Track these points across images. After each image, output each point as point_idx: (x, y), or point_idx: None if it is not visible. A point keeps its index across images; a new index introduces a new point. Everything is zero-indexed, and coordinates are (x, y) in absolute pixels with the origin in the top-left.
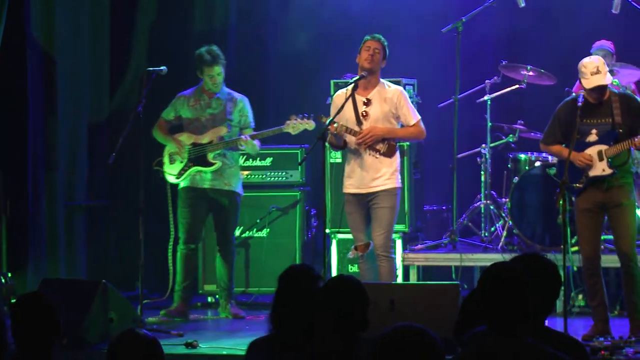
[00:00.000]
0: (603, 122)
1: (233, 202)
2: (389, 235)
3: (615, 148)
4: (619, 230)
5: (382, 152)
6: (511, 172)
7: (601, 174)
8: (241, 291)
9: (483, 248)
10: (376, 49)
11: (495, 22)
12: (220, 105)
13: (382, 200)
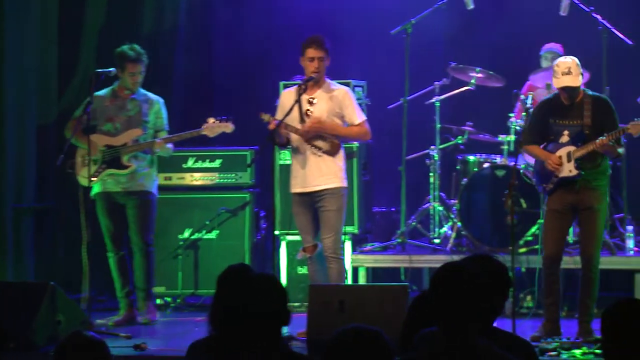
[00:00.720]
0: (574, 124)
1: (147, 202)
2: (338, 237)
3: (582, 150)
4: (586, 233)
5: (325, 150)
6: (460, 173)
7: (568, 175)
8: (190, 293)
9: (432, 249)
10: (319, 58)
11: (444, 23)
12: (136, 107)
13: (328, 203)
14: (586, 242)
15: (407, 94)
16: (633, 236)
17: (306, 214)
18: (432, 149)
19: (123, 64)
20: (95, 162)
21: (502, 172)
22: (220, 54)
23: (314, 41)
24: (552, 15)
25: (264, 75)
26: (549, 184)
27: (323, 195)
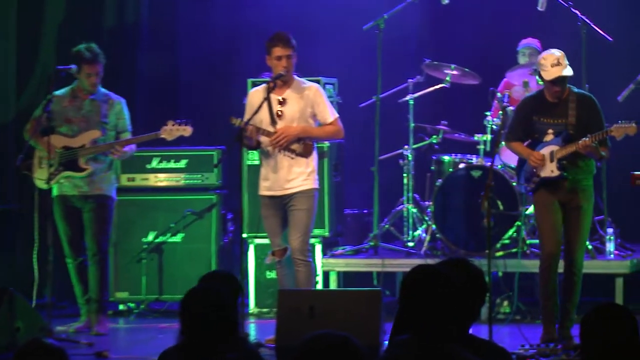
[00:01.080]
0: (558, 122)
1: (104, 207)
2: (306, 238)
3: (565, 150)
4: (572, 233)
5: (298, 152)
6: (434, 174)
7: (549, 175)
8: (154, 298)
9: (405, 253)
10: (287, 56)
11: (418, 19)
12: (95, 107)
13: (298, 202)
14: (571, 243)
15: (379, 92)
16: (613, 239)
17: (276, 216)
18: (406, 148)
19: (79, 65)
20: (52, 164)
21: (478, 173)
22: (186, 50)
23: (280, 39)
24: (530, 10)
25: (232, 72)
26: (531, 184)
27: (294, 197)
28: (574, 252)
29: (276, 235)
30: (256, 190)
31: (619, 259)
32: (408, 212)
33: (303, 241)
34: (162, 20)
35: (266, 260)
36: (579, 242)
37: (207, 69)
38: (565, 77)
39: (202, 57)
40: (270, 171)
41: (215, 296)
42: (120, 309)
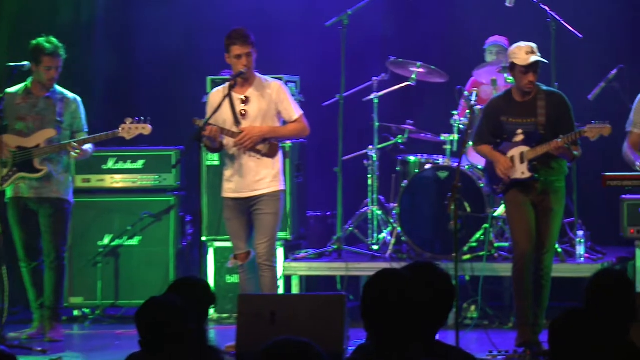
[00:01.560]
0: (528, 122)
1: (61, 210)
2: (273, 243)
3: (535, 151)
4: (542, 236)
5: (264, 153)
6: (400, 175)
7: (520, 177)
8: (110, 304)
9: (370, 256)
10: (247, 54)
11: (383, 15)
12: (50, 106)
13: (264, 206)
14: (541, 246)
15: (343, 91)
16: (584, 242)
17: (240, 218)
18: (370, 149)
19: (38, 58)
20: (6, 165)
21: (445, 174)
22: (143, 47)
23: (238, 37)
24: (498, 6)
25: (190, 70)
26: (500, 186)
27: (260, 199)
28: (544, 255)
29: (239, 238)
30: (216, 191)
31: (590, 262)
32: (373, 214)
33: (270, 246)
34: (117, 17)
35: (228, 264)
36: (549, 245)
37: (164, 67)
38: (538, 66)
39: (160, 54)
40: (235, 173)
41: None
42: (75, 315)
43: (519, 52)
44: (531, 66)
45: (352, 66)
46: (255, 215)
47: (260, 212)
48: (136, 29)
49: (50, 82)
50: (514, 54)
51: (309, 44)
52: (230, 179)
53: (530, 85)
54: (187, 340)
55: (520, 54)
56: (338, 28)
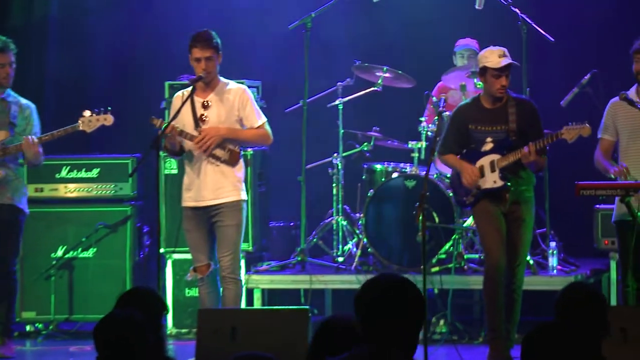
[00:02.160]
0: (498, 130)
1: (15, 220)
2: (237, 255)
3: (507, 158)
4: (513, 247)
5: (224, 159)
6: (366, 184)
7: (492, 186)
8: (64, 319)
9: (335, 269)
10: (207, 58)
11: (348, 18)
12: (4, 108)
13: (226, 217)
14: (512, 258)
15: (306, 96)
16: (556, 253)
17: (200, 230)
18: (335, 157)
19: None
20: None
21: (413, 183)
22: (98, 50)
23: (199, 40)
24: (467, 8)
25: (148, 74)
26: (469, 196)
27: (220, 209)
28: (515, 267)
29: (199, 250)
30: (174, 201)
31: (563, 274)
32: (338, 224)
33: (234, 258)
34: (72, 17)
35: (187, 276)
36: (520, 256)
37: (121, 70)
38: (510, 69)
39: (116, 57)
40: (194, 181)
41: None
42: (27, 330)
43: (491, 56)
44: (504, 69)
45: (316, 71)
46: (217, 228)
47: (221, 223)
48: (92, 29)
49: (5, 79)
50: (486, 58)
51: (271, 47)
52: (189, 187)
53: (503, 90)
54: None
55: (492, 57)
56: (301, 31)
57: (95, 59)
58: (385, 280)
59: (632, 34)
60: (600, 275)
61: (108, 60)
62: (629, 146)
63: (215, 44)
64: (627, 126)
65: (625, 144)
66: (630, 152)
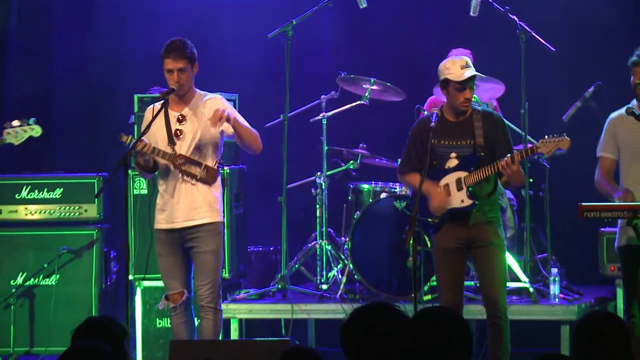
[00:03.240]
0: (463, 144)
1: None
2: (216, 283)
3: (476, 175)
4: (486, 274)
5: (200, 177)
6: (352, 205)
7: (460, 206)
8: (25, 351)
9: (319, 297)
10: (180, 69)
11: (332, 26)
12: None
13: (203, 242)
14: (488, 284)
15: (287, 110)
16: (558, 280)
17: (173, 254)
18: (319, 175)
19: None
20: None
21: (402, 204)
22: (62, 62)
23: (171, 49)
24: (461, 16)
25: (116, 87)
26: (434, 218)
27: (196, 233)
28: (493, 294)
29: (172, 276)
30: (144, 223)
31: (565, 303)
32: (321, 249)
33: (214, 287)
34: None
35: (159, 305)
36: (497, 281)
37: (87, 84)
38: (474, 81)
39: (82, 69)
40: (167, 200)
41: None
42: None
43: (453, 67)
44: (467, 81)
45: (298, 83)
46: (193, 254)
47: (198, 249)
48: (54, 41)
49: None
50: (447, 69)
51: (248, 57)
52: (162, 208)
53: (467, 103)
54: None
55: (453, 68)
56: (282, 39)
57: (58, 71)
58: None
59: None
60: (605, 304)
61: (72, 72)
62: (631, 165)
63: (190, 53)
64: (629, 143)
65: (627, 162)
66: (633, 171)
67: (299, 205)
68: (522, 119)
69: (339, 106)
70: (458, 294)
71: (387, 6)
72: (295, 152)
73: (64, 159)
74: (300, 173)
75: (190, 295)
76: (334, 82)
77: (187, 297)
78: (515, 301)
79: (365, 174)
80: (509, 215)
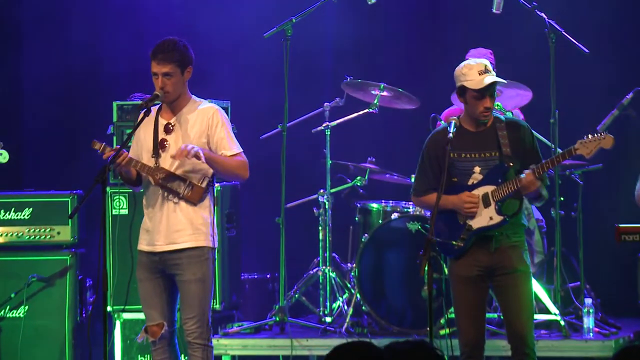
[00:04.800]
0: (488, 156)
1: None
2: (205, 317)
3: (505, 188)
4: (511, 305)
5: (183, 195)
6: (359, 227)
7: (488, 224)
8: None
9: (322, 331)
10: (165, 74)
11: (337, 24)
12: None
13: (186, 270)
14: (514, 317)
15: (286, 120)
16: (593, 312)
17: (153, 280)
18: (322, 193)
19: None
20: None
21: (416, 226)
22: (33, 65)
23: (157, 51)
24: (482, 13)
25: (94, 94)
26: (458, 241)
27: (178, 260)
28: (519, 329)
29: (152, 305)
30: (124, 248)
31: (601, 338)
32: (325, 277)
33: (202, 321)
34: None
35: (137, 338)
36: (523, 314)
37: (61, 89)
38: (495, 88)
39: (55, 74)
40: (149, 219)
41: None
42: None
43: (470, 73)
44: (487, 89)
45: (298, 89)
46: (179, 283)
47: (181, 278)
48: (25, 41)
49: None
50: (464, 75)
51: (242, 60)
52: (144, 226)
53: (487, 113)
54: None
55: (471, 74)
56: (280, 40)
57: (29, 75)
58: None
59: None
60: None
61: (44, 77)
62: None
63: (178, 57)
64: None
65: None
66: None
67: (300, 227)
68: (551, 129)
69: (344, 115)
70: (479, 328)
71: (399, 2)
72: (295, 167)
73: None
74: (300, 190)
75: (173, 329)
76: (338, 87)
77: (167, 331)
78: (545, 336)
79: (374, 192)
80: (537, 238)
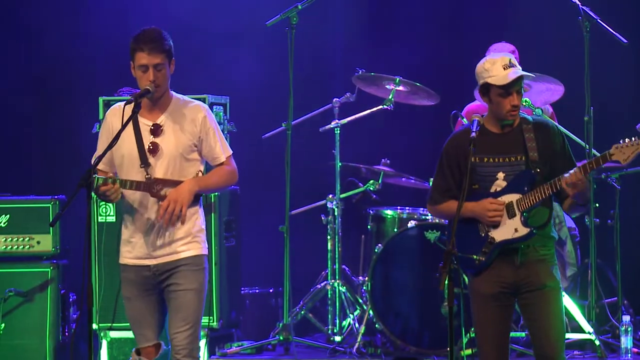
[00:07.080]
0: (514, 161)
1: None
2: (196, 331)
3: (533, 196)
4: (539, 324)
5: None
6: (372, 236)
7: (513, 237)
8: None
9: (330, 351)
10: (156, 65)
11: (347, 12)
12: None
13: (182, 279)
14: (543, 336)
15: (291, 117)
16: (631, 331)
17: (145, 298)
18: (331, 199)
19: None
20: None
21: (435, 235)
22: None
23: (146, 40)
24: (506, 3)
25: (77, 89)
26: (480, 256)
27: (174, 270)
28: (549, 348)
29: (144, 325)
30: (112, 259)
31: None
32: (334, 291)
33: (192, 335)
34: None
35: None
36: (553, 333)
37: (41, 85)
38: (521, 84)
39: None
40: (138, 231)
41: None
42: None
43: (493, 68)
44: (512, 84)
45: (304, 83)
46: (169, 293)
47: (176, 287)
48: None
49: None
50: (486, 71)
51: (242, 51)
52: (130, 238)
53: (515, 112)
54: None
55: (494, 69)
56: (284, 29)
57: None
58: None
59: None
60: None
61: (24, 72)
62: None
63: (168, 47)
64: None
65: None
66: None
67: (306, 236)
68: (585, 128)
69: (355, 112)
70: (503, 351)
71: None
72: (300, 170)
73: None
74: (307, 196)
75: (168, 348)
76: (349, 81)
77: (163, 351)
78: (578, 357)
79: (389, 197)
80: (569, 248)
